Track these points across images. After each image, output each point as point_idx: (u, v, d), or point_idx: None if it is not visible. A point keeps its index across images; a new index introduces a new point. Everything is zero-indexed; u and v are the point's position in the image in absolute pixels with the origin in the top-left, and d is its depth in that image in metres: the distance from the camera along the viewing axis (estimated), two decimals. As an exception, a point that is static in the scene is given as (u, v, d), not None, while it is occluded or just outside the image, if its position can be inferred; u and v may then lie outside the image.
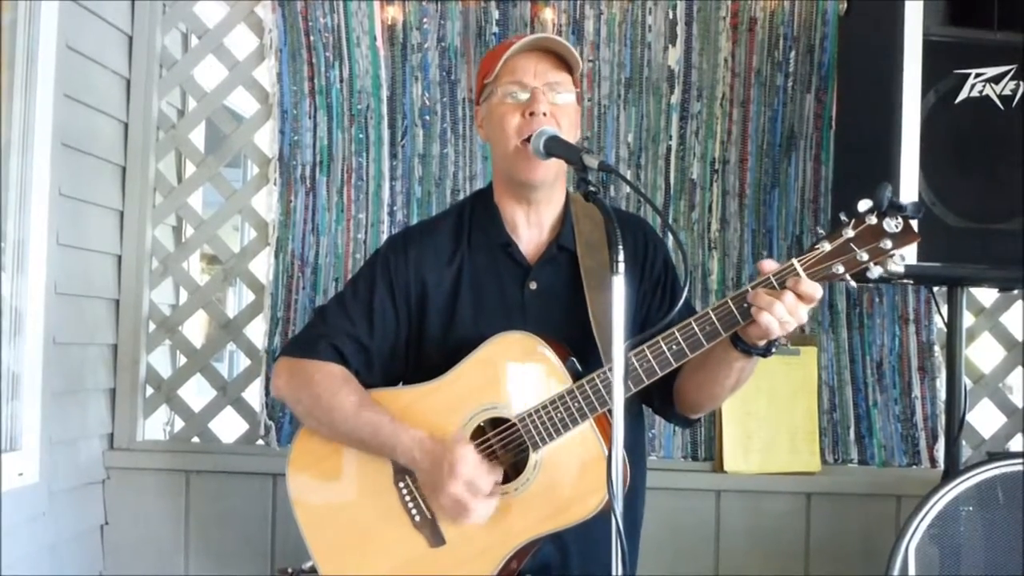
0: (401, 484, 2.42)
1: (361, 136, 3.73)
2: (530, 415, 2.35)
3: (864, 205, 2.08)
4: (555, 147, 2.33)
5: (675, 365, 2.28)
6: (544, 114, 2.41)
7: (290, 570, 2.61)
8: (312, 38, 3.73)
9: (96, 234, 3.62)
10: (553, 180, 2.51)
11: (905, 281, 3.10)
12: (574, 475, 2.36)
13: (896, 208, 2.06)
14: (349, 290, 2.62)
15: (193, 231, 3.92)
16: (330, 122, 3.73)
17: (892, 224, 2.07)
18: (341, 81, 3.73)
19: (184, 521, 3.68)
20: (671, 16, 3.66)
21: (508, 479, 2.40)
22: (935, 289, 3.44)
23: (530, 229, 2.57)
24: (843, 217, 2.10)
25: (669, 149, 3.67)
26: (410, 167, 3.71)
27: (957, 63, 2.91)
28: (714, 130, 3.66)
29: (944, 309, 3.22)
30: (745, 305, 2.17)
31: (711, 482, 3.57)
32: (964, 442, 3.39)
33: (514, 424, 2.37)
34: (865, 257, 2.09)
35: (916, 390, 3.59)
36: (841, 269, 2.11)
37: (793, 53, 3.63)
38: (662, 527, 3.51)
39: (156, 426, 3.91)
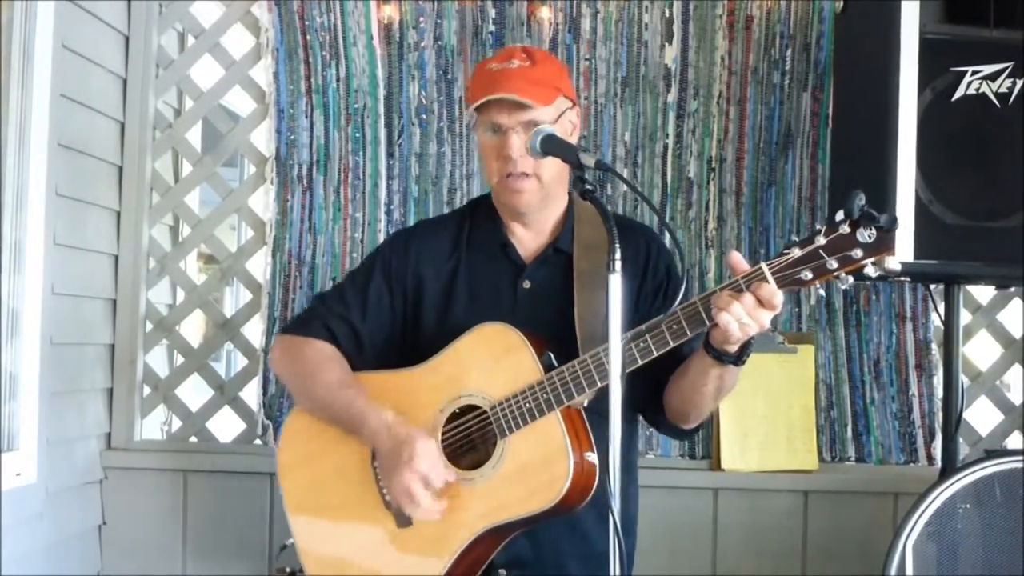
0: (375, 464, 2.50)
1: (358, 135, 3.73)
2: (501, 404, 2.40)
3: (840, 215, 2.09)
4: (551, 146, 2.33)
5: (640, 363, 2.30)
6: (521, 156, 2.45)
7: (288, 569, 2.63)
8: (308, 37, 3.72)
9: (93, 234, 3.62)
10: (541, 200, 2.55)
11: (902, 279, 3.11)
12: (536, 466, 2.38)
13: (869, 219, 2.06)
14: (348, 280, 2.73)
15: (190, 231, 3.91)
16: (327, 121, 3.73)
17: (865, 235, 2.07)
18: (338, 80, 3.73)
19: (182, 521, 3.68)
20: (667, 14, 3.66)
21: (474, 466, 2.45)
22: (932, 287, 3.43)
23: (528, 233, 2.63)
24: (818, 225, 2.12)
25: (666, 147, 3.67)
26: (407, 166, 3.71)
27: (953, 60, 2.91)
28: (711, 128, 3.66)
29: (941, 307, 3.22)
30: (710, 306, 2.19)
31: (708, 480, 3.57)
32: (961, 440, 3.39)
33: (485, 412, 2.42)
34: (835, 265, 2.09)
35: (913, 388, 3.59)
36: (810, 275, 2.12)
37: (790, 51, 3.63)
38: (659, 525, 3.51)
39: (153, 426, 3.91)
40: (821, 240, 2.10)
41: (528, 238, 2.62)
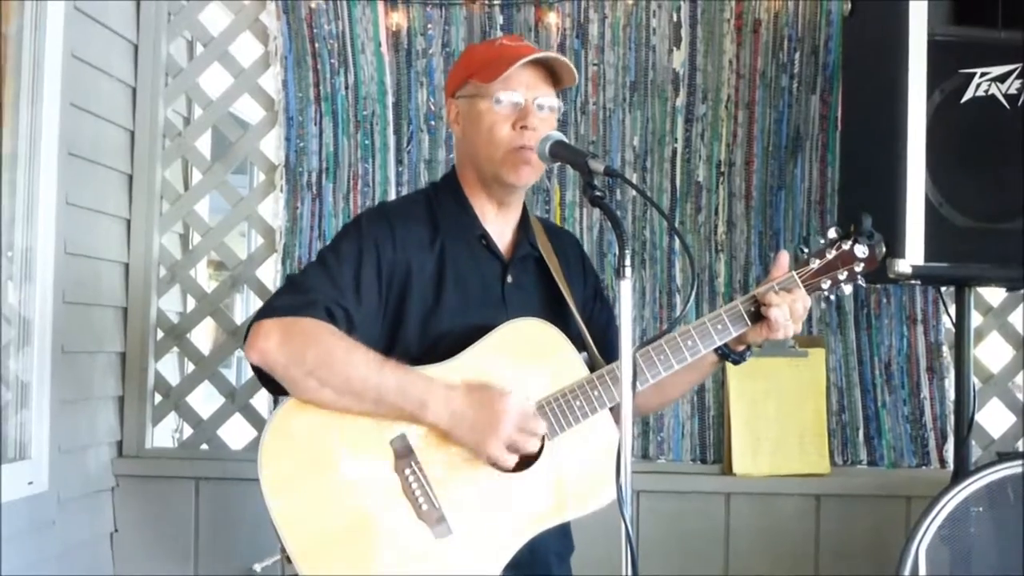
0: (407, 471, 2.30)
1: (367, 142, 3.73)
2: (549, 402, 2.35)
3: (835, 232, 2.44)
4: (561, 151, 2.32)
5: (689, 360, 2.39)
6: (534, 129, 2.42)
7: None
8: (317, 45, 3.73)
9: (103, 242, 3.63)
10: (533, 180, 2.53)
11: (913, 281, 3.10)
12: (592, 465, 2.35)
13: (869, 237, 2.42)
14: (333, 261, 2.41)
15: (200, 238, 3.92)
16: (336, 128, 3.74)
17: (861, 251, 2.41)
18: (346, 87, 3.73)
19: (193, 528, 3.68)
20: (675, 19, 3.66)
21: (518, 468, 2.35)
22: (943, 289, 3.43)
23: (499, 225, 2.55)
24: (822, 240, 2.43)
25: (675, 152, 3.67)
26: (416, 173, 3.72)
27: (962, 62, 2.91)
28: (719, 132, 3.66)
29: (952, 309, 3.22)
30: (752, 309, 2.38)
31: (720, 485, 3.57)
32: (974, 442, 3.39)
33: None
34: (844, 276, 2.43)
35: (925, 391, 3.58)
36: (828, 284, 2.43)
37: (798, 54, 3.63)
38: (671, 530, 3.51)
39: (165, 433, 3.92)
40: (832, 254, 2.42)
41: (500, 230, 2.54)
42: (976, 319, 3.41)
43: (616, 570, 2.03)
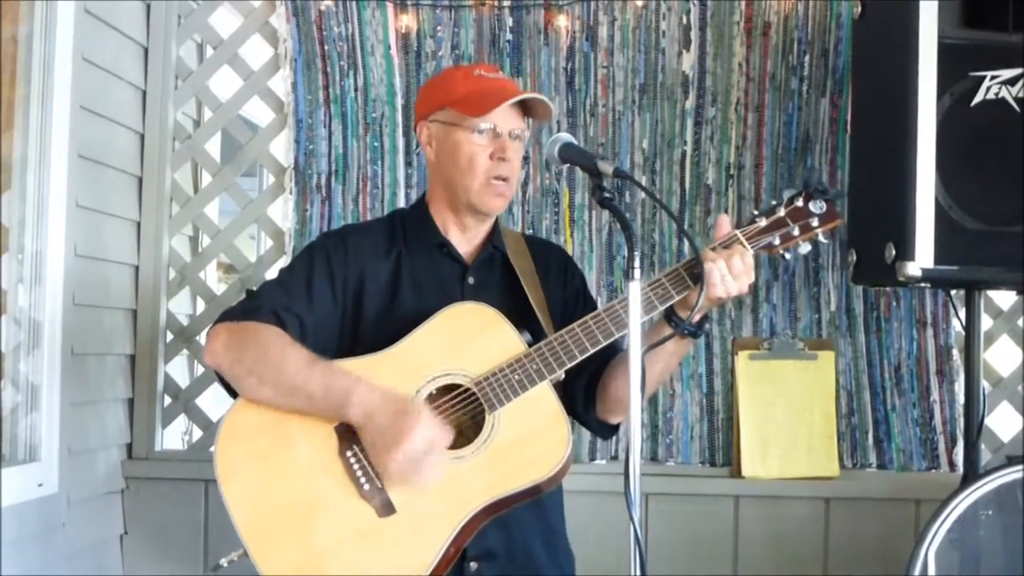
0: (349, 453, 2.39)
1: (376, 144, 3.74)
2: (487, 378, 2.39)
3: (790, 192, 2.44)
4: (570, 154, 2.36)
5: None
6: (510, 160, 2.50)
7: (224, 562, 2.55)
8: (327, 47, 3.74)
9: (113, 245, 3.64)
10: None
11: (922, 285, 3.10)
12: (533, 436, 2.39)
13: (820, 192, 2.41)
14: (286, 274, 2.60)
15: (210, 241, 3.93)
16: (345, 131, 3.74)
17: (817, 206, 2.41)
18: (356, 90, 3.74)
19: (203, 530, 3.69)
20: (685, 21, 3.66)
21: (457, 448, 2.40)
22: (952, 292, 3.42)
23: (464, 237, 2.63)
24: (774, 201, 2.44)
25: (684, 154, 3.67)
26: (425, 175, 3.71)
27: (972, 65, 2.90)
28: (729, 135, 3.66)
29: (962, 312, 3.21)
30: (696, 271, 2.36)
31: (729, 487, 3.56)
32: (983, 446, 3.37)
33: (467, 390, 2.40)
34: (797, 232, 2.41)
35: (934, 394, 3.58)
36: (777, 240, 2.41)
37: (807, 57, 3.63)
38: (680, 533, 3.51)
39: (174, 436, 3.92)
40: (782, 211, 2.42)
41: (464, 240, 2.62)
42: (986, 322, 3.40)
43: (625, 572, 2.04)
